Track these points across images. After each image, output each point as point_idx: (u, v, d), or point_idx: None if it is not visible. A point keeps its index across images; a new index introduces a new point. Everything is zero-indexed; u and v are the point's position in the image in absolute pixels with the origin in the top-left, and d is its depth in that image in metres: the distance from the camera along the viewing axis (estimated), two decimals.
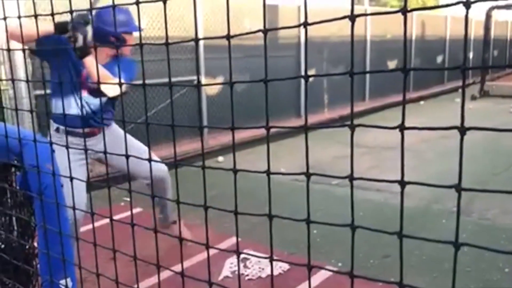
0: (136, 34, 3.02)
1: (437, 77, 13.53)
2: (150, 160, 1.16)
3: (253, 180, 3.40)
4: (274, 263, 3.12)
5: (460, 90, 11.85)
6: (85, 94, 2.81)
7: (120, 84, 1.14)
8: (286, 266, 3.13)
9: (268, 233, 0.92)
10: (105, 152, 1.25)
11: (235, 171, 0.89)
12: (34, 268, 1.55)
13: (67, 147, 1.34)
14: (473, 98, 11.72)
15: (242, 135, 6.76)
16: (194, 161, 5.91)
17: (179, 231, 1.24)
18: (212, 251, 3.68)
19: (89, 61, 2.56)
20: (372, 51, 10.35)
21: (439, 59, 13.77)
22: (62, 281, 1.44)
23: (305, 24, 0.75)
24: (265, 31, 0.80)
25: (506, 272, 2.99)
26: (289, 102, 8.30)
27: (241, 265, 3.20)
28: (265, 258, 0.95)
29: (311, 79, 9.23)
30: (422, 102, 11.38)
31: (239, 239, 1.15)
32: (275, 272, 3.07)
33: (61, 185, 1.58)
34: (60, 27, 2.46)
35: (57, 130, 2.82)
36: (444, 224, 3.86)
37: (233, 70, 0.95)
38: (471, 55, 15.18)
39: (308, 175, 0.79)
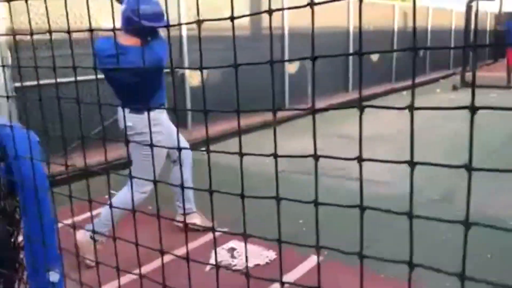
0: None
1: (419, 68, 13.67)
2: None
3: (235, 173, 3.41)
4: (261, 253, 3.15)
5: (441, 81, 11.84)
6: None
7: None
8: (273, 256, 3.14)
9: (256, 224, 0.93)
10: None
11: (241, 154, 0.90)
12: (21, 261, 1.54)
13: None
14: (454, 88, 11.89)
15: (224, 126, 6.77)
16: None
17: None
18: (196, 243, 3.67)
19: None
20: (355, 42, 10.40)
21: (422, 50, 13.90)
22: (50, 273, 1.43)
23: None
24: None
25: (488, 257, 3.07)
26: (271, 94, 8.31)
27: (228, 255, 3.22)
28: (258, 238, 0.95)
29: (295, 71, 9.05)
30: (404, 93, 11.50)
31: (227, 229, 1.16)
32: (262, 262, 3.09)
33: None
34: None
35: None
36: (427, 213, 3.91)
37: (215, 61, 0.96)
38: (451, 46, 15.35)
39: (316, 157, 0.81)
